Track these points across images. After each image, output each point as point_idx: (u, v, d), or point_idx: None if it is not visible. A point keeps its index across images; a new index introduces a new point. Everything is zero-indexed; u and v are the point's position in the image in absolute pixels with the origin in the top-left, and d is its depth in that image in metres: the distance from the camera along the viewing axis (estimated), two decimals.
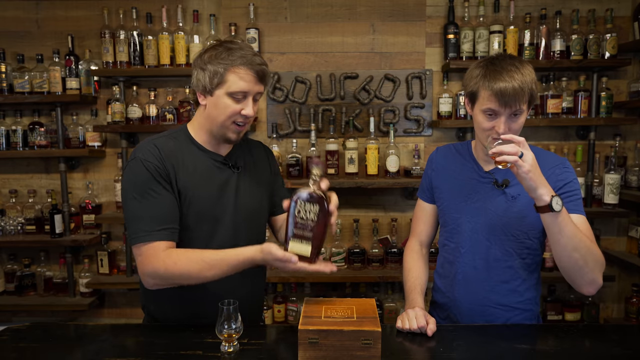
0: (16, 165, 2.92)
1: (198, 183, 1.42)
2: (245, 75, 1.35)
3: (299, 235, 1.27)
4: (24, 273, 2.83)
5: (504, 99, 1.33)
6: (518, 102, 1.33)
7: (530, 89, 1.34)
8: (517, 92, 1.32)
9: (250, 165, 1.56)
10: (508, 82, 1.32)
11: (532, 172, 1.23)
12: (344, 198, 2.85)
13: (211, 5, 2.81)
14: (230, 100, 1.36)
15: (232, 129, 1.40)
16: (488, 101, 1.36)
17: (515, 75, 1.33)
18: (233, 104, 1.37)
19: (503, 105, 1.34)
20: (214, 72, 1.35)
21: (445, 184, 1.58)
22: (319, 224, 1.25)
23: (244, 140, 1.57)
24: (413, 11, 2.79)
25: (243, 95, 1.37)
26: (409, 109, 2.81)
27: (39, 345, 1.34)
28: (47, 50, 2.80)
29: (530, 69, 1.38)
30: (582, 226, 1.37)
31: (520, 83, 1.32)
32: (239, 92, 1.36)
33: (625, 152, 2.83)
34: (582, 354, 1.33)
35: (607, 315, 2.92)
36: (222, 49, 1.36)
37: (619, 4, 2.76)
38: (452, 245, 1.56)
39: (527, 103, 1.37)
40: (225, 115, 1.38)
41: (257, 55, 1.39)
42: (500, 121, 1.36)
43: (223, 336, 1.24)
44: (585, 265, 1.32)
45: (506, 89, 1.32)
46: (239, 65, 1.34)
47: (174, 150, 1.42)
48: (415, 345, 1.35)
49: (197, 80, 1.39)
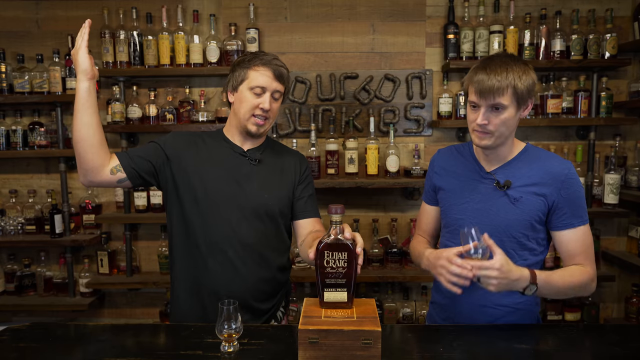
0: (16, 165, 2.92)
1: (206, 163, 1.59)
2: (264, 72, 1.56)
3: (332, 284, 1.26)
4: (24, 273, 2.83)
5: (480, 91, 1.37)
6: (495, 95, 1.36)
7: (513, 86, 1.35)
8: (494, 85, 1.35)
9: (275, 166, 1.67)
10: (488, 76, 1.36)
11: (499, 285, 1.29)
12: (344, 198, 2.87)
13: (211, 5, 2.81)
14: (250, 94, 1.56)
15: (252, 121, 1.57)
16: (471, 94, 1.41)
17: (499, 70, 1.36)
18: (253, 98, 1.56)
19: (481, 97, 1.38)
20: (240, 72, 1.59)
21: (447, 185, 1.58)
22: (350, 268, 1.25)
23: (279, 147, 1.73)
24: (413, 11, 2.79)
25: (262, 90, 1.56)
26: (409, 109, 2.81)
27: (39, 345, 1.34)
28: (47, 50, 2.80)
29: (524, 68, 1.38)
30: (579, 242, 1.46)
31: (501, 78, 1.35)
32: (257, 87, 1.55)
33: (625, 152, 2.83)
34: (582, 354, 1.34)
35: (607, 315, 2.92)
36: (250, 56, 1.60)
37: (619, 4, 2.76)
38: (454, 245, 1.55)
39: (514, 100, 1.37)
40: (247, 108, 1.56)
41: (278, 59, 1.60)
42: (480, 112, 1.40)
43: (223, 336, 1.24)
44: (575, 294, 1.49)
45: (484, 82, 1.36)
46: (259, 65, 1.57)
47: (203, 139, 1.64)
48: (415, 345, 1.35)
49: (227, 82, 1.64)
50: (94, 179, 1.49)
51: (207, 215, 1.55)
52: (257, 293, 1.60)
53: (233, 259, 1.55)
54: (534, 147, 1.54)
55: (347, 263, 1.24)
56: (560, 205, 1.43)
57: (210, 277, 1.56)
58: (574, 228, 1.44)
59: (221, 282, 1.55)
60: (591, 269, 1.45)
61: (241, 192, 1.57)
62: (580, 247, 1.45)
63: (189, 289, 1.60)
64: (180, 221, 1.59)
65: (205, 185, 1.56)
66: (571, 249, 1.46)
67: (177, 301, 1.63)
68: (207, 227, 1.55)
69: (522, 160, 1.48)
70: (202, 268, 1.56)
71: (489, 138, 1.41)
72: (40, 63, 2.76)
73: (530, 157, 1.49)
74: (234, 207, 1.56)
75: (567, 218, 1.44)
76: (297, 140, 2.75)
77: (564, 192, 1.43)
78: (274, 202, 1.61)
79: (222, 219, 1.55)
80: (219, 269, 1.55)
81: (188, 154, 1.59)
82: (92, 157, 1.45)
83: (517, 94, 1.37)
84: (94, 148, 1.44)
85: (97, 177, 1.48)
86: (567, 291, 1.43)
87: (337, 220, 1.24)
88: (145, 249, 2.95)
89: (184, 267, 1.60)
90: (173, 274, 1.65)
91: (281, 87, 1.59)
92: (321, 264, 1.25)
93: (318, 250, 1.24)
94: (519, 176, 1.46)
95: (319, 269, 1.25)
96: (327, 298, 1.27)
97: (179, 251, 1.61)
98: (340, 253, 1.24)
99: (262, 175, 1.62)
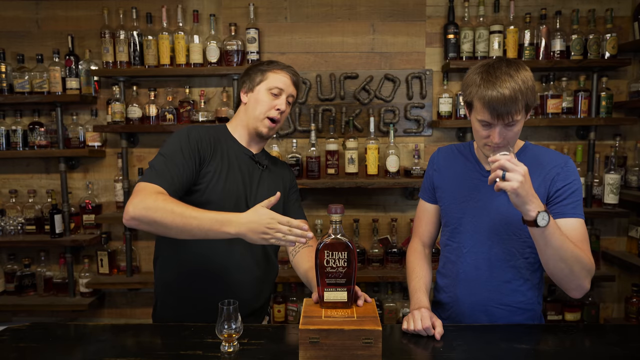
0: (16, 165, 2.92)
1: (228, 167, 1.57)
2: (283, 75, 1.62)
3: (332, 284, 1.26)
4: (24, 273, 2.83)
5: (496, 111, 1.32)
6: (510, 114, 1.33)
7: (524, 99, 1.33)
8: (508, 104, 1.31)
9: (275, 173, 1.71)
10: (500, 94, 1.30)
11: (519, 188, 1.23)
12: (344, 198, 2.87)
13: (211, 5, 2.81)
14: (268, 95, 1.60)
15: (265, 123, 1.60)
16: (482, 112, 1.36)
17: (508, 85, 1.31)
18: (270, 99, 1.60)
19: (495, 117, 1.33)
20: (258, 73, 1.63)
21: (447, 183, 1.58)
22: (349, 267, 1.25)
23: (269, 156, 1.75)
24: (413, 11, 2.79)
25: (279, 92, 1.61)
26: (409, 109, 2.81)
27: (39, 345, 1.34)
28: (47, 50, 2.80)
29: (527, 75, 1.35)
30: (576, 231, 1.39)
31: (513, 94, 1.30)
32: (276, 88, 1.60)
33: (625, 152, 2.83)
34: (582, 354, 1.33)
35: (607, 315, 2.92)
36: (266, 62, 1.67)
37: (619, 4, 2.76)
38: (454, 245, 1.56)
39: (523, 111, 1.36)
40: (263, 108, 1.60)
41: (293, 69, 1.67)
42: (495, 132, 1.36)
43: (223, 336, 1.24)
44: (571, 274, 1.35)
45: (498, 102, 1.31)
46: (278, 69, 1.63)
47: (217, 137, 1.61)
48: (416, 344, 1.35)
49: (242, 83, 1.66)
50: None
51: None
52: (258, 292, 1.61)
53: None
54: (532, 145, 1.54)
55: (347, 263, 1.24)
56: (557, 194, 1.42)
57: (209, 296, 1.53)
58: (570, 218, 1.41)
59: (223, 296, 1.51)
60: (590, 257, 1.38)
61: (252, 198, 1.59)
62: (577, 237, 1.39)
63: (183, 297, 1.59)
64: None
65: (222, 188, 1.52)
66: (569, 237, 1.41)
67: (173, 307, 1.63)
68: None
69: (521, 158, 1.47)
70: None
71: (502, 149, 1.38)
72: (40, 63, 2.76)
73: (529, 155, 1.49)
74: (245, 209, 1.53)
75: (564, 207, 1.41)
76: (297, 140, 2.75)
77: (561, 182, 1.42)
78: (277, 209, 1.59)
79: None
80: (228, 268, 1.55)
81: (213, 154, 1.55)
82: None
83: (527, 104, 1.36)
84: None
85: None
86: (567, 255, 1.32)
87: (336, 220, 1.25)
88: (145, 249, 2.95)
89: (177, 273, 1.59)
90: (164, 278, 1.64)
91: (295, 92, 1.66)
92: (321, 264, 1.25)
93: (318, 250, 1.25)
94: None
95: (318, 269, 1.25)
96: (327, 298, 1.27)
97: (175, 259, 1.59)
98: (340, 253, 1.24)
99: (268, 182, 1.66)
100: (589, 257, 1.37)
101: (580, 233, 1.40)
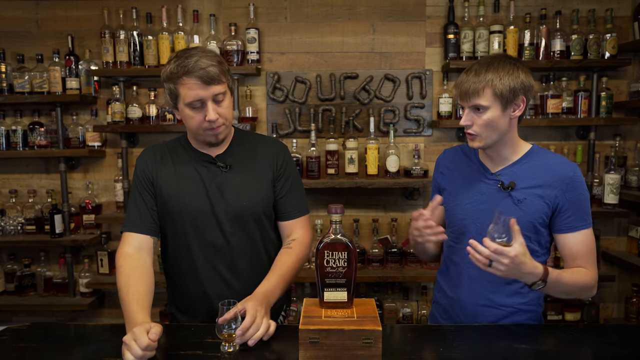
0: (16, 165, 2.92)
1: (176, 182, 1.51)
2: (191, 84, 1.38)
3: (332, 284, 1.26)
4: (24, 273, 2.83)
5: (460, 93, 1.41)
6: (472, 96, 1.38)
7: (491, 86, 1.35)
8: (470, 87, 1.38)
9: (248, 166, 1.55)
10: (467, 77, 1.39)
11: (505, 272, 1.28)
12: (344, 198, 2.87)
13: (211, 5, 2.81)
14: (190, 110, 1.42)
15: (207, 134, 1.45)
16: (457, 98, 1.46)
17: (478, 71, 1.38)
18: (195, 114, 1.41)
19: (461, 98, 1.42)
20: (170, 90, 1.43)
21: (452, 185, 1.58)
22: (349, 268, 1.25)
23: (252, 140, 1.60)
24: (413, 11, 2.79)
25: (200, 103, 1.40)
26: (409, 109, 2.81)
27: (39, 345, 1.34)
28: (47, 50, 2.80)
29: (510, 67, 1.37)
30: (582, 244, 1.44)
31: (478, 79, 1.36)
32: (192, 102, 1.39)
33: (625, 152, 2.83)
34: (582, 354, 1.33)
35: (607, 315, 2.92)
36: (174, 65, 1.39)
37: (619, 4, 2.76)
38: (457, 246, 1.55)
39: (496, 100, 1.37)
40: (194, 125, 1.44)
41: (204, 58, 1.38)
42: (464, 113, 1.43)
43: (223, 336, 1.24)
44: (575, 295, 1.50)
45: (462, 83, 1.40)
46: (183, 77, 1.38)
47: (165, 153, 1.55)
48: (416, 345, 1.35)
49: (165, 100, 1.57)
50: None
51: (189, 235, 1.51)
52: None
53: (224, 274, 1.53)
54: (539, 148, 1.52)
55: (347, 262, 1.24)
56: (565, 208, 1.42)
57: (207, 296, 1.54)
58: (577, 231, 1.43)
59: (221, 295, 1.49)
60: (594, 272, 1.45)
61: (221, 203, 1.50)
62: (583, 250, 1.44)
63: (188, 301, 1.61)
64: (172, 238, 1.56)
65: (182, 203, 1.49)
66: (574, 252, 1.45)
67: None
68: (193, 246, 1.52)
69: (527, 161, 1.47)
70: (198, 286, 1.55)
71: (478, 140, 1.43)
72: (40, 63, 2.76)
73: (535, 159, 1.48)
74: (215, 221, 1.50)
75: (572, 221, 1.43)
76: (297, 140, 2.75)
77: (569, 194, 1.42)
78: (255, 206, 1.53)
79: (207, 234, 1.51)
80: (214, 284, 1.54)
81: (159, 176, 1.52)
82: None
83: (496, 94, 1.36)
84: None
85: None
86: (571, 291, 1.42)
87: (337, 220, 1.25)
88: None
89: (180, 279, 1.60)
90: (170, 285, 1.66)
91: (219, 87, 1.40)
92: (321, 264, 1.25)
93: (318, 250, 1.25)
94: (523, 177, 1.45)
95: (318, 269, 1.25)
96: (327, 298, 1.27)
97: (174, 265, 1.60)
98: (340, 252, 1.24)
99: (237, 181, 1.52)
100: (593, 273, 1.44)
101: (586, 245, 1.44)
